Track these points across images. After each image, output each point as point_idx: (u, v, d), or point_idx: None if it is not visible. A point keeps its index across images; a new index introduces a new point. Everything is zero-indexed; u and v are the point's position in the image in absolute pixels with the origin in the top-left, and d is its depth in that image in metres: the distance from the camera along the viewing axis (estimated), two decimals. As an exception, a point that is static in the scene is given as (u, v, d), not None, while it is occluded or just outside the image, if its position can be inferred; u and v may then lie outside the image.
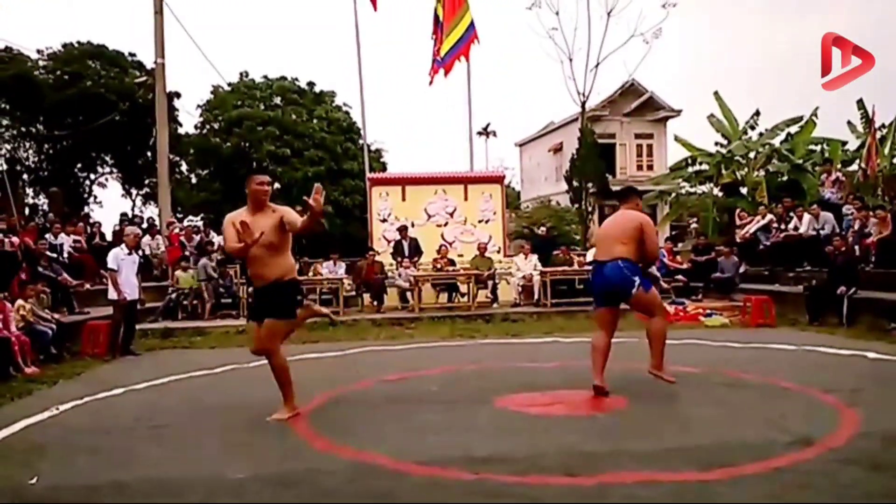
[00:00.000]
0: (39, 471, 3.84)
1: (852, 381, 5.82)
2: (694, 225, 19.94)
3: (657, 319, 5.66)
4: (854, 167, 18.28)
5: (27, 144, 28.93)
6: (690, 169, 22.16)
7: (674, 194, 23.28)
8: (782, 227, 13.48)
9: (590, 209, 21.14)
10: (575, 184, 21.01)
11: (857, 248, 11.24)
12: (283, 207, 5.07)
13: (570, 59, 19.75)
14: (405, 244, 13.46)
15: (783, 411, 4.93)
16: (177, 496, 3.47)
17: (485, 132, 52.67)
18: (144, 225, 16.29)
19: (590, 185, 20.79)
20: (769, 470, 3.57)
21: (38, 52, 27.70)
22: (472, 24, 16.32)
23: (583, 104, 20.54)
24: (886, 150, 17.86)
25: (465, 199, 14.60)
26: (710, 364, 6.93)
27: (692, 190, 22.88)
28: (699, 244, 14.43)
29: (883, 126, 18.02)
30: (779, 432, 4.34)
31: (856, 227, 11.79)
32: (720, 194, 20.69)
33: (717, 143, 21.46)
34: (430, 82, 16.78)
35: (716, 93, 20.84)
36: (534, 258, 13.51)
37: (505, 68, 76.05)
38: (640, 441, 4.25)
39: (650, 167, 29.48)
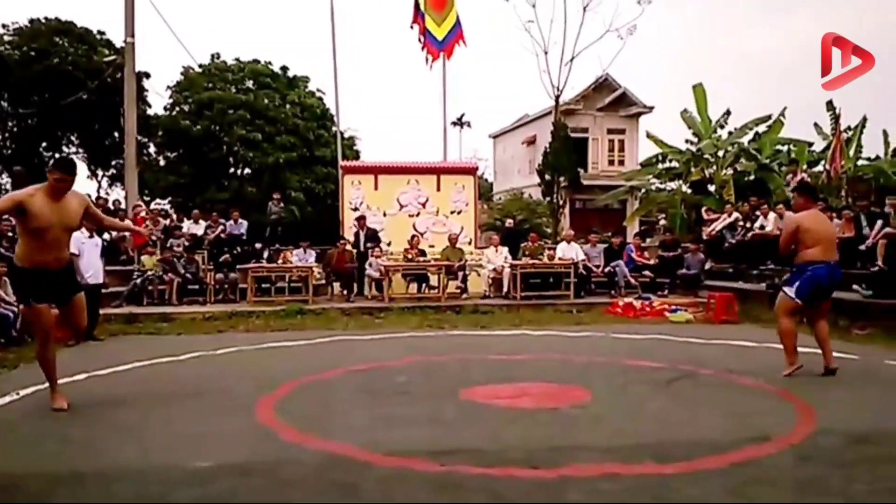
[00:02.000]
0: (0, 456, 3.77)
1: (811, 378, 5.97)
2: (662, 221, 20.25)
3: (825, 321, 6.17)
4: (819, 168, 18.70)
5: (-10, 122, 28.13)
6: (661, 166, 22.44)
7: (644, 190, 23.58)
8: (748, 225, 13.73)
9: (561, 202, 21.31)
10: (547, 177, 21.17)
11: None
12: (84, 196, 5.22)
13: (546, 53, 19.91)
14: (361, 234, 13.43)
15: (743, 407, 5.05)
16: (138, 485, 3.43)
17: (459, 123, 52.71)
18: (111, 207, 15.98)
19: (562, 178, 20.94)
20: (727, 465, 3.66)
21: (3, 26, 26.91)
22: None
23: (557, 98, 20.69)
24: (851, 153, 18.30)
25: (438, 189, 14.60)
26: (673, 360, 7.06)
27: (662, 186, 23.20)
28: (667, 240, 14.65)
29: (849, 128, 18.45)
30: (738, 428, 4.44)
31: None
32: (689, 191, 21.01)
33: (687, 141, 21.74)
34: (430, 66, 16.64)
35: (697, 85, 21.00)
36: (504, 250, 13.59)
37: (481, 59, 76.07)
38: (602, 435, 4.33)
39: (622, 162, 29.79)
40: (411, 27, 16.66)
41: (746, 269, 12.91)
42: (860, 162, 19.32)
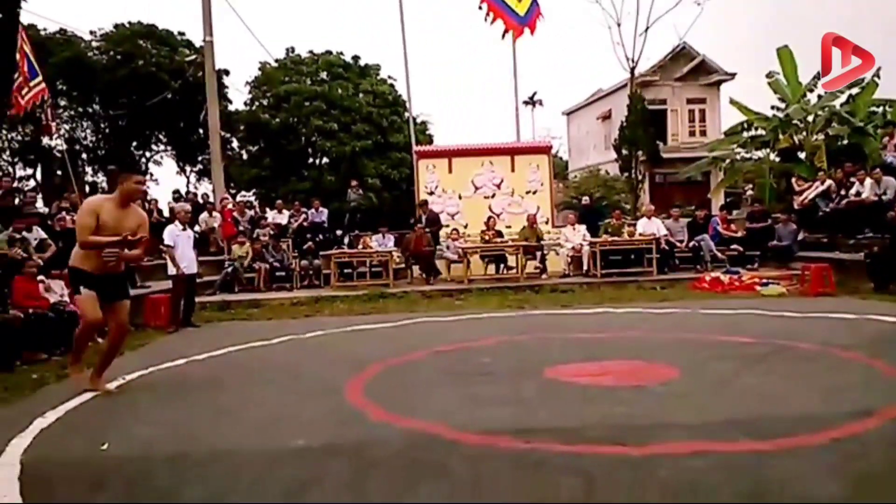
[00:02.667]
0: (109, 438, 4.04)
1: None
2: (750, 192, 19.36)
3: None
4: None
5: (84, 124, 29.93)
6: (746, 134, 21.40)
7: (728, 160, 22.59)
8: (842, 192, 12.99)
9: (640, 177, 20.74)
10: (624, 152, 20.63)
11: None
12: (142, 212, 5.50)
13: (619, 24, 19.34)
14: (423, 217, 13.53)
15: (842, 381, 4.81)
16: (234, 465, 3.59)
17: (531, 101, 51.99)
18: (200, 201, 16.74)
19: (640, 152, 20.36)
20: (827, 441, 3.51)
21: (91, 33, 28.50)
22: None
23: (632, 70, 20.10)
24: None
25: (513, 170, 14.52)
26: (766, 334, 6.78)
27: (748, 155, 22.16)
28: (755, 211, 14.04)
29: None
30: (838, 403, 4.25)
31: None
32: (777, 159, 19.99)
33: (773, 107, 20.66)
34: (503, 36, 16.57)
35: (783, 48, 19.88)
36: (582, 228, 13.40)
37: (551, 36, 74.56)
38: (691, 412, 4.22)
39: (703, 133, 28.69)
40: (479, 7, 16.54)
41: (842, 239, 12.23)
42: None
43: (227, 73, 28.18)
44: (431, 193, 14.43)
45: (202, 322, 9.52)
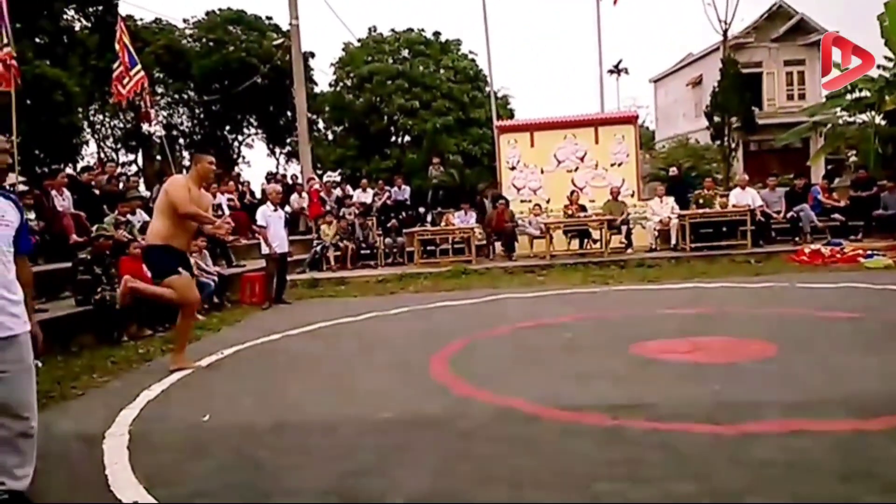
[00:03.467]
0: (211, 410, 4.27)
1: None
2: (853, 158, 18.18)
3: None
4: None
5: (180, 110, 31.43)
6: (849, 96, 20.01)
7: (830, 125, 21.23)
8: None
9: (733, 146, 19.79)
10: (716, 119, 19.69)
11: None
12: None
13: (710, -16, 18.34)
14: (487, 203, 13.55)
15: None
16: (330, 435, 3.73)
17: (616, 70, 50.49)
18: (289, 182, 17.28)
19: (733, 119, 19.41)
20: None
21: (184, 21, 29.75)
22: None
23: (724, 32, 19.10)
24: None
25: (596, 142, 14.17)
26: (871, 309, 6.40)
27: (851, 119, 20.75)
28: (859, 178, 13.16)
29: None
30: (952, 383, 3.96)
31: None
32: (883, 123, 18.61)
33: (879, 66, 19.19)
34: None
35: (892, 1, 18.41)
36: (670, 200, 12.95)
37: (635, 1, 71.89)
38: (788, 390, 4.04)
39: (802, 97, 27.03)
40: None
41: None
42: None
43: (312, 55, 28.84)
44: (513, 168, 14.31)
45: (293, 299, 9.87)
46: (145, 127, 25.35)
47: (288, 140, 31.66)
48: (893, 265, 9.75)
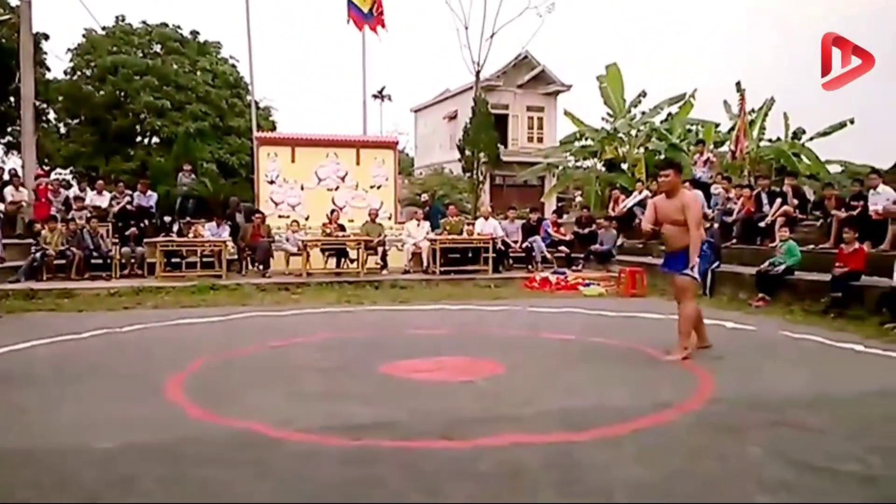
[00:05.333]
0: None
1: (710, 349, 6.28)
2: (578, 198, 20.72)
3: None
4: (725, 148, 19.60)
5: None
6: (577, 143, 22.90)
7: (561, 167, 24.04)
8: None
9: (481, 178, 21.44)
10: (467, 153, 21.22)
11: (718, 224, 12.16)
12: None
13: (466, 28, 19.84)
14: (239, 217, 13.51)
15: (648, 377, 5.28)
16: (38, 467, 3.26)
17: (380, 96, 52.02)
18: (6, 177, 14.95)
19: (482, 154, 21.05)
20: (631, 432, 3.83)
21: None
22: None
23: (477, 73, 20.72)
24: (755, 134, 19.27)
25: (358, 163, 14.40)
26: (585, 332, 7.29)
27: (578, 164, 23.72)
28: (582, 217, 15.04)
29: (753, 110, 19.39)
30: (643, 396, 4.65)
31: (723, 204, 12.72)
32: (603, 169, 21.57)
33: (603, 119, 22.25)
34: (372, 29, 16.38)
35: (611, 65, 21.44)
36: (426, 225, 13.62)
37: (402, 32, 75.08)
38: (514, 406, 4.42)
39: (540, 139, 30.27)
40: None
41: (656, 245, 13.42)
42: (762, 143, 20.37)
43: (46, 37, 25.35)
44: (272, 182, 13.95)
45: (3, 313, 8.52)
46: None
47: (9, 129, 27.45)
48: (605, 293, 11.26)
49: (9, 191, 13.06)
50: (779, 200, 11.55)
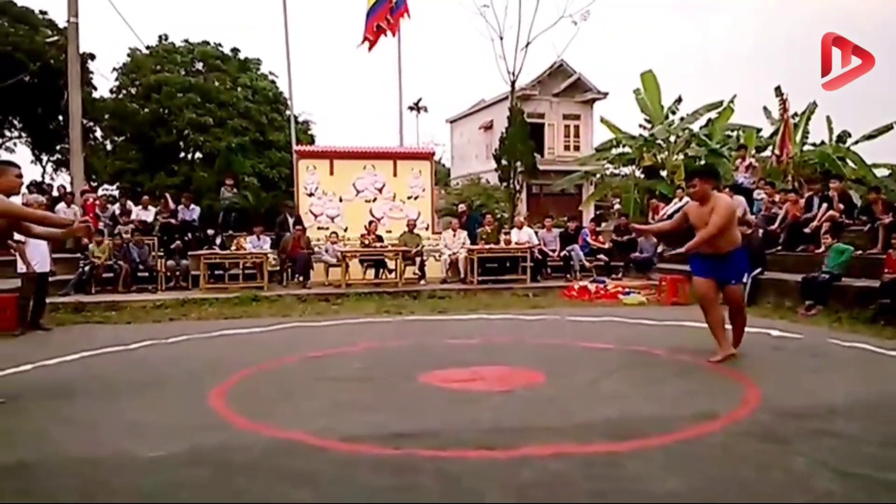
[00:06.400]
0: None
1: (756, 357, 6.16)
2: (617, 205, 20.54)
3: None
4: (767, 153, 19.21)
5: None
6: (615, 151, 22.72)
7: (599, 175, 23.87)
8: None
9: (518, 188, 21.40)
10: (504, 162, 21.20)
11: (763, 231, 11.88)
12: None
13: (501, 38, 19.86)
14: (288, 218, 13.62)
15: (691, 386, 5.19)
16: (85, 475, 3.36)
17: (416, 107, 52.45)
18: (56, 193, 15.48)
19: (518, 163, 21.01)
20: (674, 442, 3.77)
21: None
22: None
23: (513, 83, 20.71)
24: (798, 138, 18.85)
25: (395, 174, 14.54)
26: (626, 341, 7.20)
27: (616, 171, 23.52)
28: (621, 224, 14.89)
29: (795, 114, 18.98)
30: (685, 406, 4.56)
31: (766, 210, 12.45)
32: (642, 176, 21.34)
33: (640, 126, 22.06)
34: (370, 48, 16.41)
35: (647, 72, 21.26)
36: (462, 234, 13.65)
37: (438, 43, 75.65)
38: (554, 415, 4.39)
39: (577, 148, 30.11)
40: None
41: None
42: (805, 147, 19.93)
43: (92, 57, 26.28)
44: (311, 195, 14.17)
45: (53, 325, 8.80)
46: None
47: (58, 147, 28.43)
48: (646, 302, 11.11)
49: (61, 207, 13.51)
50: (825, 205, 11.27)
